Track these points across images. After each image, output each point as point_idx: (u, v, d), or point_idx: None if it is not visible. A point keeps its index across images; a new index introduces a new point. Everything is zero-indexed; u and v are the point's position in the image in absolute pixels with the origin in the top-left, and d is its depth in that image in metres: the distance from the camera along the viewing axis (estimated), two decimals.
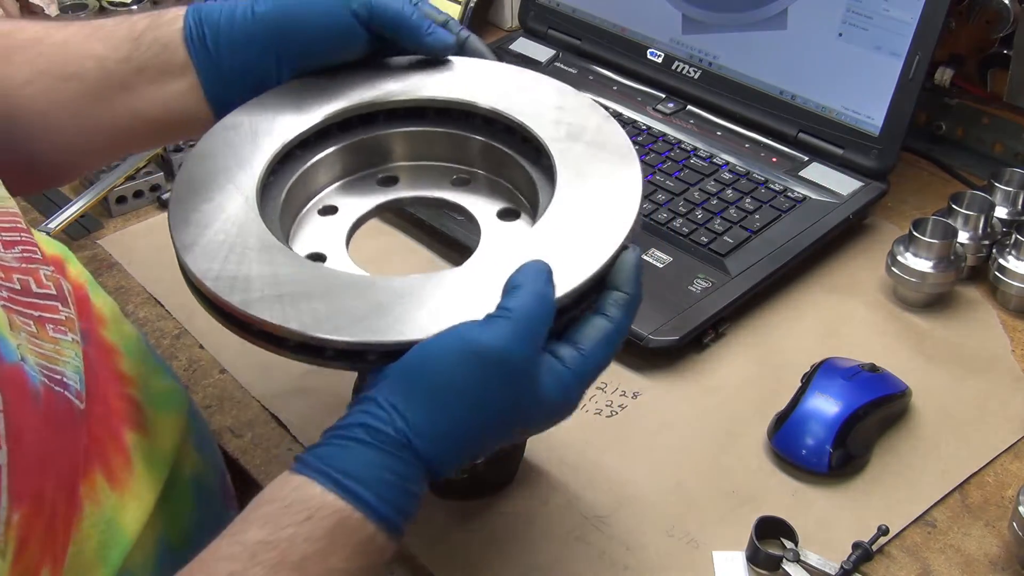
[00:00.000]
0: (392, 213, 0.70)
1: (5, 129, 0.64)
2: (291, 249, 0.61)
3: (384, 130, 0.69)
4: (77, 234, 0.96)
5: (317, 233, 0.66)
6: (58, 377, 0.49)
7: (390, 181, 0.69)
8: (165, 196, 0.99)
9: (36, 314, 0.51)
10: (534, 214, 0.65)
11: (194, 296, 0.58)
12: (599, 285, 0.57)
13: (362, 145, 0.69)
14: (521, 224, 0.66)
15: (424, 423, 0.50)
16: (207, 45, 0.66)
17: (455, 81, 0.69)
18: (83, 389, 0.51)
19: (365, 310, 0.54)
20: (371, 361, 0.53)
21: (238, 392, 0.80)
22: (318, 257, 0.63)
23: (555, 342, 0.55)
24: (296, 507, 0.49)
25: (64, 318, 0.53)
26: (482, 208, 0.67)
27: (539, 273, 0.54)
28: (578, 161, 0.63)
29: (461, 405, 0.51)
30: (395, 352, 0.52)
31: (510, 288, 0.53)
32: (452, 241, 0.90)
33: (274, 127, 0.66)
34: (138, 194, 1.00)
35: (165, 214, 0.62)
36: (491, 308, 0.53)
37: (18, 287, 0.51)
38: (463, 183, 0.69)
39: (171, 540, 0.58)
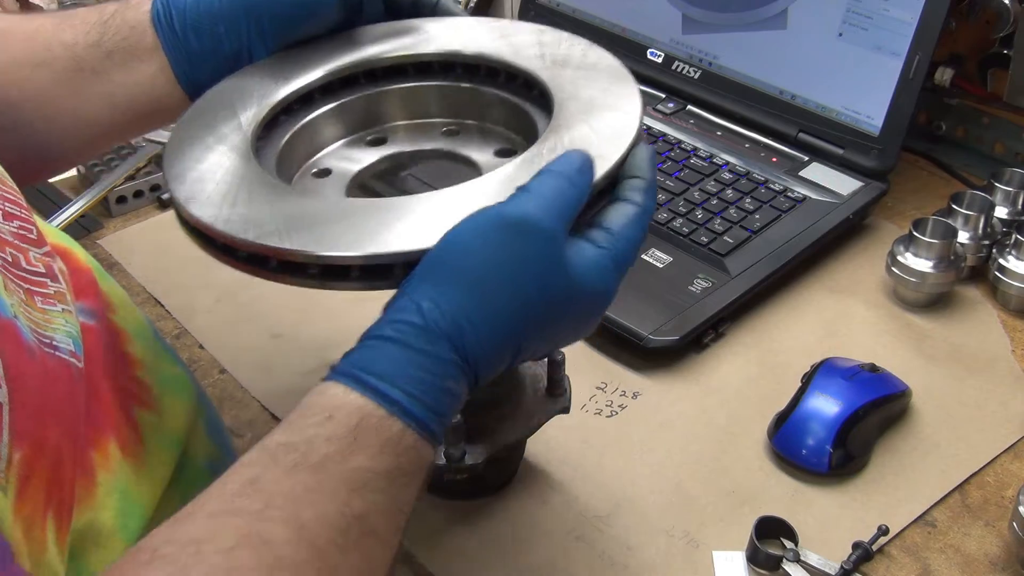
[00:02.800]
0: (388, 173, 0.69)
1: None
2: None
3: (367, 90, 0.69)
4: (77, 234, 0.96)
5: (315, 193, 0.65)
6: (47, 341, 0.49)
7: (379, 142, 0.69)
8: (165, 196, 0.99)
9: (25, 286, 0.51)
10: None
11: (200, 245, 0.57)
12: (613, 183, 0.56)
13: (347, 108, 0.68)
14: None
15: (455, 306, 0.48)
16: (174, 26, 0.66)
17: (432, 37, 0.69)
18: (79, 350, 0.51)
19: (386, 227, 0.53)
20: (399, 276, 0.51)
21: (238, 392, 0.80)
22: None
23: (583, 229, 0.53)
24: (317, 408, 0.47)
25: (53, 292, 0.52)
26: (478, 152, 0.67)
27: (569, 159, 0.53)
28: (572, 82, 0.63)
29: (491, 283, 0.49)
30: (418, 261, 0.51)
31: (537, 173, 0.52)
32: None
33: (258, 93, 0.65)
34: (138, 194, 1.00)
35: (165, 214, 0.62)
36: None
37: (10, 260, 0.51)
38: (453, 134, 0.69)
39: None
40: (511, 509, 0.71)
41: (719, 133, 1.03)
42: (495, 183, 0.55)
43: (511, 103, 0.67)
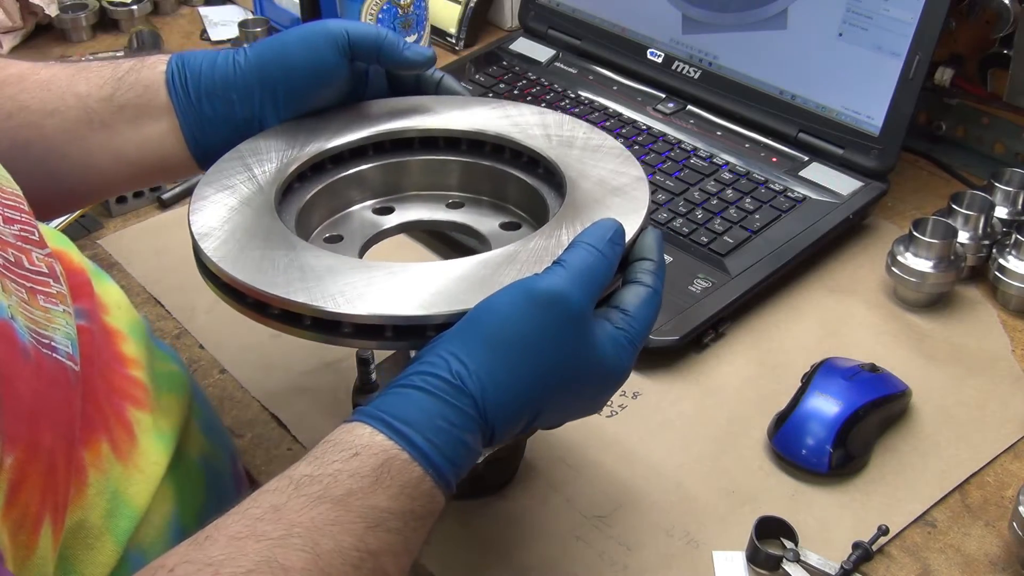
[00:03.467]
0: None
1: None
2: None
3: (375, 162, 0.71)
4: (77, 234, 0.96)
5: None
6: (46, 341, 0.49)
7: (386, 211, 0.71)
8: (165, 196, 0.99)
9: (28, 285, 0.51)
10: (535, 225, 0.67)
11: (233, 305, 0.58)
12: (623, 264, 0.58)
13: (356, 178, 0.70)
14: (525, 232, 0.67)
15: (481, 367, 0.51)
16: (188, 90, 0.68)
17: (435, 114, 0.71)
18: (76, 353, 0.51)
19: (418, 290, 0.55)
20: (429, 337, 0.54)
21: (238, 392, 0.80)
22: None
23: (601, 308, 0.56)
24: (344, 445, 0.49)
25: (55, 292, 0.53)
26: (484, 224, 0.69)
27: (602, 230, 0.55)
28: (580, 161, 0.66)
29: (518, 350, 0.51)
30: (450, 325, 0.53)
31: (571, 244, 0.55)
32: (462, 247, 0.89)
33: (276, 157, 0.67)
34: (138, 194, 1.00)
35: (165, 214, 0.62)
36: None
37: (12, 260, 0.52)
38: (457, 207, 0.71)
39: (183, 520, 0.59)
40: (511, 509, 0.71)
41: (719, 133, 1.03)
42: (515, 253, 0.58)
43: (517, 179, 0.69)
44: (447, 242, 0.90)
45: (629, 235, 0.58)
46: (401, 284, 0.56)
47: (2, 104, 0.67)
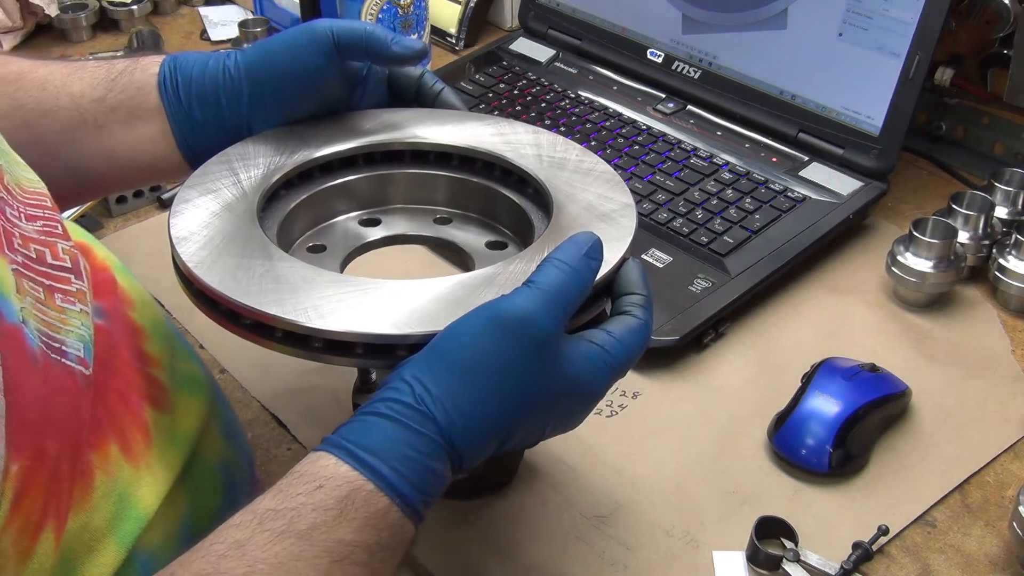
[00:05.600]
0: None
1: None
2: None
3: (365, 173, 0.70)
4: None
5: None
6: (56, 345, 0.49)
7: (372, 223, 0.70)
8: (165, 196, 0.99)
9: (47, 283, 0.51)
10: (522, 245, 0.67)
11: (206, 311, 0.58)
12: (604, 292, 0.58)
13: (344, 188, 0.70)
14: (511, 252, 0.67)
15: (445, 393, 0.50)
16: (179, 93, 0.67)
17: (429, 126, 0.71)
18: (89, 357, 0.51)
19: (391, 308, 0.55)
20: (400, 356, 0.53)
21: (238, 392, 0.80)
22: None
23: (585, 330, 0.55)
24: (308, 477, 0.48)
25: (75, 290, 0.53)
26: (470, 242, 0.69)
27: (576, 245, 0.54)
28: (568, 184, 0.66)
29: (483, 375, 0.50)
30: (423, 345, 0.52)
31: (543, 261, 0.54)
32: (452, 244, 0.89)
33: (264, 163, 0.66)
34: (138, 194, 1.00)
35: (165, 214, 0.62)
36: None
37: (34, 256, 0.51)
38: (445, 222, 0.71)
39: (195, 524, 0.58)
40: (511, 509, 0.71)
41: (719, 133, 1.03)
42: (494, 275, 0.57)
43: (506, 198, 0.69)
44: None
45: (613, 262, 0.58)
46: (376, 301, 0.55)
47: (0, 103, 0.67)
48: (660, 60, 1.09)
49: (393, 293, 0.56)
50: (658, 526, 0.69)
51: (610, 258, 0.58)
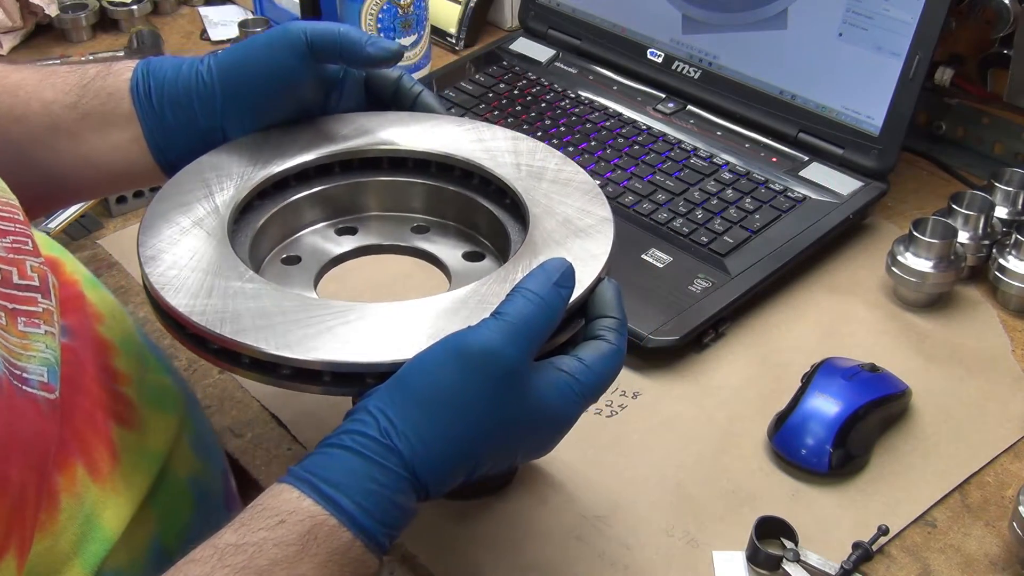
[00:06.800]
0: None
1: None
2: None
3: (344, 180, 0.69)
4: (77, 234, 0.96)
5: (283, 281, 0.65)
6: (18, 372, 0.48)
7: (348, 231, 0.70)
8: None
9: (10, 306, 0.50)
10: (499, 256, 0.66)
11: (173, 334, 0.57)
12: (578, 312, 0.57)
13: (324, 195, 0.69)
14: (488, 265, 0.67)
15: (410, 427, 0.49)
16: (151, 99, 0.66)
17: (407, 132, 0.70)
18: (55, 381, 0.50)
19: (360, 335, 0.54)
20: (369, 384, 0.53)
21: (238, 392, 0.80)
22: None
23: (555, 356, 0.54)
24: (270, 511, 0.48)
25: (42, 310, 0.52)
26: (446, 252, 0.68)
27: (546, 274, 0.53)
28: (546, 196, 0.65)
29: (447, 409, 0.50)
30: (391, 373, 0.52)
31: (512, 291, 0.53)
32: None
33: (236, 174, 0.65)
34: (138, 194, 1.00)
35: None
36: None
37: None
38: (422, 231, 0.70)
39: (165, 542, 0.58)
40: (511, 509, 0.71)
41: (719, 133, 1.03)
42: (466, 298, 0.56)
43: (484, 208, 0.68)
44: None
45: (587, 283, 0.57)
46: (344, 328, 0.54)
47: None
48: (660, 60, 1.09)
49: (361, 319, 0.55)
50: (658, 526, 0.69)
51: (584, 279, 0.57)
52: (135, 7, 1.32)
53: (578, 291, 0.55)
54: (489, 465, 0.53)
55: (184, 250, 0.59)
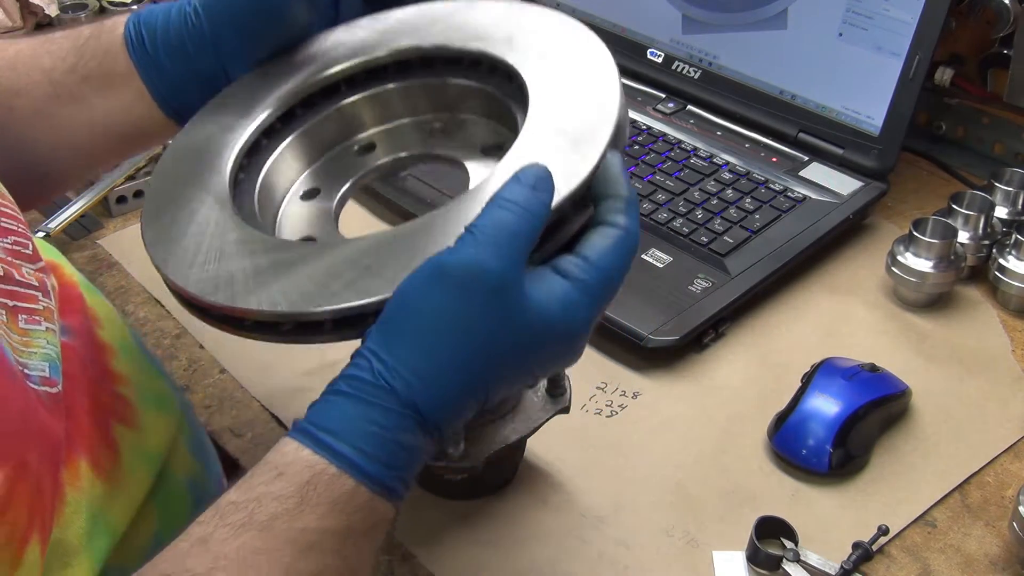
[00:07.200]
0: (369, 188, 0.67)
1: None
2: (272, 235, 0.59)
3: (346, 99, 0.67)
4: (77, 234, 0.96)
5: (303, 218, 0.64)
6: (20, 368, 0.49)
7: (368, 148, 0.67)
8: None
9: (11, 303, 0.50)
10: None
11: (183, 306, 0.57)
12: (586, 201, 0.52)
13: (327, 120, 0.66)
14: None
15: (401, 363, 0.47)
16: (147, 49, 0.64)
17: (404, 29, 0.66)
18: (57, 375, 0.50)
19: (353, 274, 0.52)
20: (370, 324, 0.50)
21: (238, 392, 0.80)
22: (307, 240, 0.62)
23: (557, 256, 0.50)
24: (270, 466, 0.46)
25: (42, 308, 0.52)
26: (467, 151, 0.65)
27: (519, 183, 0.49)
28: (548, 73, 0.59)
29: (437, 337, 0.47)
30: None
31: (487, 204, 0.49)
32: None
33: (235, 123, 0.64)
34: (138, 194, 1.00)
35: None
36: None
37: (1, 273, 0.51)
38: (442, 132, 0.67)
39: (166, 541, 0.58)
40: (511, 509, 0.71)
41: (719, 133, 1.03)
42: (468, 214, 0.51)
43: (493, 96, 0.64)
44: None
45: (591, 163, 0.52)
46: (330, 267, 0.52)
47: None
48: (660, 60, 1.09)
49: (349, 256, 0.53)
50: (658, 526, 0.69)
51: (582, 168, 0.52)
52: (135, 7, 1.32)
53: (578, 178, 0.51)
54: (503, 390, 0.50)
55: (184, 216, 0.58)
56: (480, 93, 0.65)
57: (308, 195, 0.65)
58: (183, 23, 0.64)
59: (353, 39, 0.67)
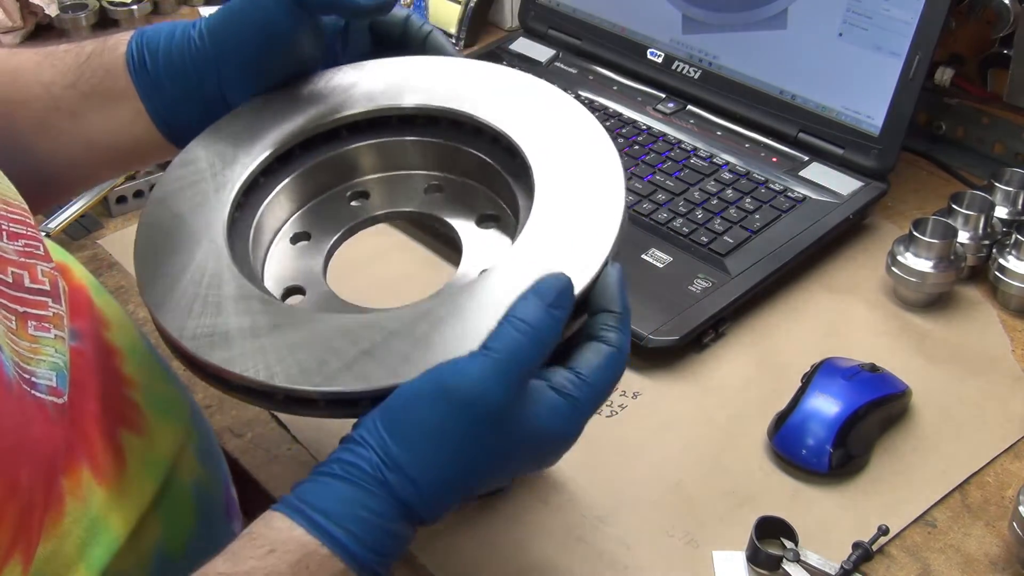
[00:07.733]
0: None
1: None
2: (267, 289, 0.58)
3: (348, 145, 0.66)
4: (77, 234, 0.96)
5: (291, 264, 0.63)
6: (27, 376, 0.48)
7: (361, 196, 0.67)
8: None
9: (21, 310, 0.50)
10: (514, 217, 0.62)
11: (174, 355, 0.57)
12: (581, 308, 0.54)
13: (327, 163, 0.66)
14: (502, 230, 0.63)
15: (400, 462, 0.49)
16: (147, 69, 0.64)
17: (414, 85, 0.66)
18: (64, 386, 0.50)
19: (353, 355, 0.52)
20: (364, 407, 0.51)
21: None
22: (295, 291, 0.61)
23: (552, 368, 0.52)
24: (261, 540, 0.47)
25: (52, 314, 0.52)
26: (460, 216, 0.65)
27: (539, 296, 0.51)
28: (555, 165, 0.60)
29: (438, 450, 0.49)
30: (385, 396, 0.51)
31: (503, 317, 0.51)
32: (447, 238, 0.88)
33: (234, 157, 0.63)
34: (138, 194, 1.00)
35: None
36: (481, 336, 0.51)
37: (10, 280, 0.50)
38: (437, 190, 0.67)
39: (169, 549, 0.57)
40: (511, 509, 0.71)
41: (719, 133, 1.03)
42: (467, 306, 0.53)
43: (495, 169, 0.64)
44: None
45: (590, 276, 0.53)
46: (325, 343, 0.52)
47: None
48: (660, 60, 1.09)
49: (349, 332, 0.53)
50: (658, 526, 0.69)
51: (583, 277, 0.53)
52: (135, 7, 1.32)
53: (579, 287, 0.53)
54: (486, 487, 0.53)
55: (181, 261, 0.57)
56: (485, 163, 0.65)
57: (297, 238, 0.65)
58: (187, 46, 0.64)
59: (359, 83, 0.67)
